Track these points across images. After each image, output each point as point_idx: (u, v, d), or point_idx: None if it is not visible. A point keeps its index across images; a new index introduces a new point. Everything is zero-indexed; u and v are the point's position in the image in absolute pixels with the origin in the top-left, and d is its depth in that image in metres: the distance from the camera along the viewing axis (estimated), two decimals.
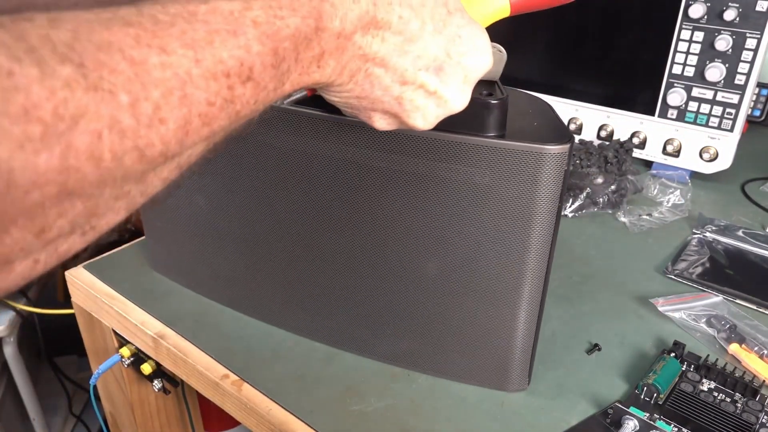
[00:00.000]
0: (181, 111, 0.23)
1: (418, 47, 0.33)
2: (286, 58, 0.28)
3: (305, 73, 0.30)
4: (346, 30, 0.30)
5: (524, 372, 0.51)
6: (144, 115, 0.22)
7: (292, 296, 0.57)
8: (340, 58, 0.31)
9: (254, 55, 0.26)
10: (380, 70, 0.33)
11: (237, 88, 0.25)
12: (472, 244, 0.46)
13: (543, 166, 0.41)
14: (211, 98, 0.24)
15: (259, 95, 0.27)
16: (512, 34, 0.95)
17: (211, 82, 0.24)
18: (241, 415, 0.54)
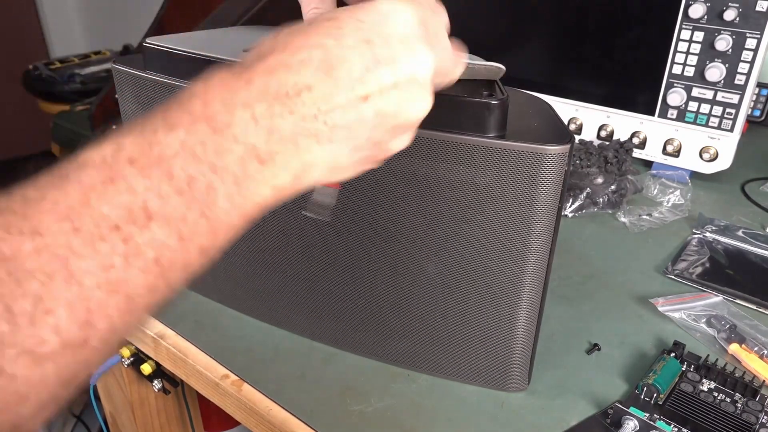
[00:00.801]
0: (70, 291, 0.21)
1: (342, 70, 0.28)
2: (195, 178, 0.24)
3: (248, 179, 0.26)
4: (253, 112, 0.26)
5: (524, 372, 0.51)
6: (22, 315, 0.20)
7: (292, 296, 0.57)
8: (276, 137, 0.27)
9: (142, 192, 0.23)
10: (334, 115, 0.28)
11: (138, 236, 0.22)
12: (473, 244, 0.46)
13: (543, 166, 0.41)
14: (105, 262, 0.22)
15: (183, 229, 0.24)
16: (512, 34, 0.95)
17: (99, 244, 0.21)
18: (241, 415, 0.54)
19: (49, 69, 1.99)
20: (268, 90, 0.27)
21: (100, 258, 0.22)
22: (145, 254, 0.23)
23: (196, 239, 0.25)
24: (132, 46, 2.01)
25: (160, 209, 0.23)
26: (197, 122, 0.25)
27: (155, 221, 0.23)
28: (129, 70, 0.54)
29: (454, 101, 0.42)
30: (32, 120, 2.15)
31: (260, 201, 0.27)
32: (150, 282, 0.23)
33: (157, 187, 0.23)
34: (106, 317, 0.22)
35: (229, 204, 0.26)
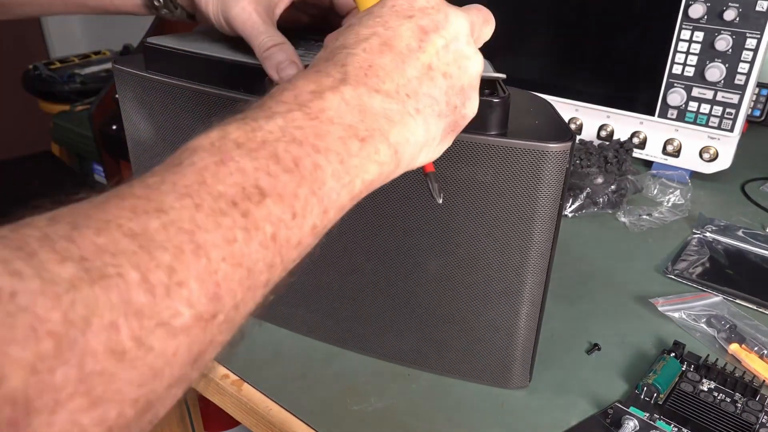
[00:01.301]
0: (199, 264, 0.21)
1: (401, 46, 0.31)
2: (301, 158, 0.25)
3: (352, 157, 0.27)
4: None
5: (525, 369, 0.51)
6: (159, 285, 0.20)
7: (294, 294, 0.57)
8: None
9: (252, 172, 0.24)
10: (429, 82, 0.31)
11: (255, 211, 0.23)
12: (474, 241, 0.46)
13: (545, 163, 0.41)
14: (228, 235, 0.22)
15: (296, 206, 0.25)
16: (513, 34, 0.95)
17: (220, 218, 0.22)
18: (241, 415, 0.54)
19: (49, 69, 1.99)
20: (348, 77, 0.29)
21: (223, 231, 0.22)
22: (264, 228, 0.23)
23: (309, 217, 0.25)
24: (132, 46, 2.01)
25: (272, 187, 0.24)
26: (292, 111, 0.27)
27: (269, 197, 0.24)
28: (129, 70, 0.53)
29: None
30: (32, 120, 2.15)
31: (367, 178, 0.28)
32: (268, 258, 0.24)
33: (265, 167, 0.24)
34: (231, 292, 0.22)
35: (336, 182, 0.26)
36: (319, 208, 0.26)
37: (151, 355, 0.20)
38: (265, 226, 0.23)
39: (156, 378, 0.20)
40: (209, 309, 0.22)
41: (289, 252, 0.25)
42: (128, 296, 0.19)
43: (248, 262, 0.23)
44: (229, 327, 0.24)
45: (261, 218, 0.23)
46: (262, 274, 0.24)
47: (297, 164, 0.25)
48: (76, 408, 0.18)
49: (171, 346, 0.20)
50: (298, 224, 0.25)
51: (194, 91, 0.51)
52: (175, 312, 0.20)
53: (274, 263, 0.24)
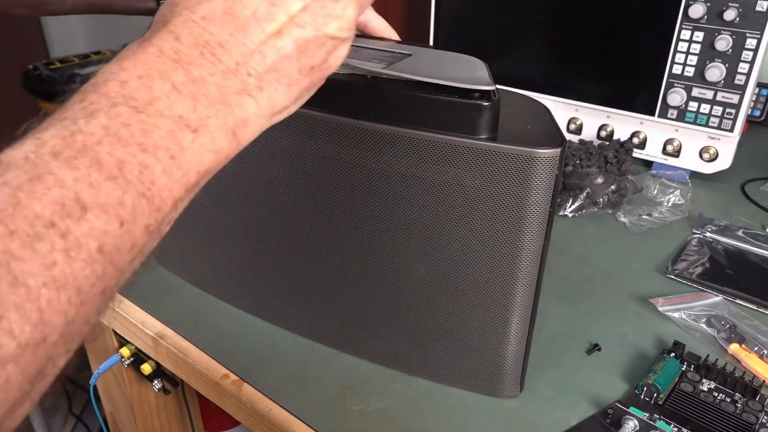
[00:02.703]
0: (18, 295, 0.20)
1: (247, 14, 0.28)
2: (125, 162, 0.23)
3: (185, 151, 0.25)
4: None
5: (516, 379, 0.51)
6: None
7: (289, 294, 0.57)
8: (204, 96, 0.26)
9: (72, 184, 0.22)
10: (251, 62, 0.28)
11: (75, 229, 0.22)
12: (462, 246, 0.46)
13: (533, 169, 0.41)
14: (46, 261, 0.21)
15: (122, 214, 0.23)
16: (512, 34, 0.95)
17: (37, 244, 0.21)
18: (241, 415, 0.54)
19: (49, 69, 1.99)
20: (181, 55, 0.26)
21: (40, 258, 0.21)
22: (87, 245, 0.22)
23: (140, 220, 0.24)
24: None
25: (94, 198, 0.22)
26: (117, 105, 0.24)
27: (91, 211, 0.22)
28: None
29: (446, 102, 0.42)
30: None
31: (203, 168, 0.26)
32: (97, 271, 0.22)
33: (86, 177, 0.22)
34: (59, 313, 0.21)
35: (168, 179, 0.25)
36: (149, 208, 0.24)
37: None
38: (88, 242, 0.22)
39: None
40: (36, 335, 0.21)
41: (122, 258, 0.24)
42: None
43: (74, 281, 0.22)
44: (68, 340, 0.23)
45: (83, 235, 0.22)
46: (95, 287, 0.23)
47: (121, 168, 0.23)
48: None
49: (1, 376, 0.20)
50: (127, 230, 0.23)
51: None
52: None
53: (106, 272, 0.23)
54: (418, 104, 0.42)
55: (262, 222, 0.55)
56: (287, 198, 0.52)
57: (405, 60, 0.47)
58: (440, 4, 0.97)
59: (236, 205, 0.55)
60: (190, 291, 0.64)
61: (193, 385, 0.58)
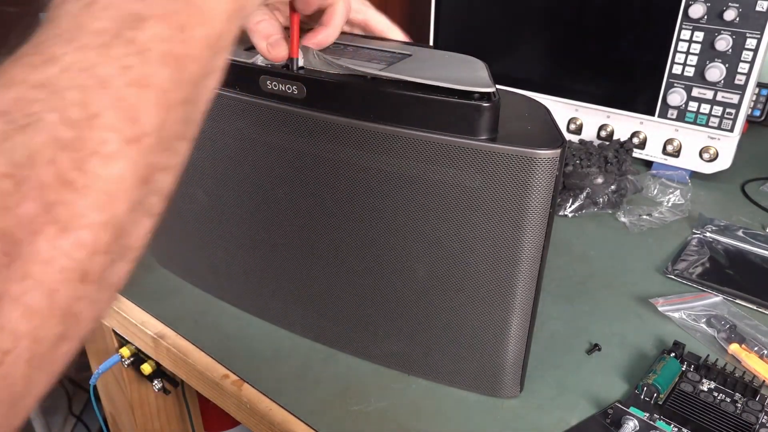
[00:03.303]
0: (107, 94, 0.23)
1: None
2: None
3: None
4: None
5: (516, 379, 0.51)
6: (78, 120, 0.22)
7: (289, 294, 0.57)
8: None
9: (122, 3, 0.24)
10: None
11: (140, 35, 0.24)
12: (462, 247, 0.45)
13: (533, 170, 0.41)
14: (123, 62, 0.23)
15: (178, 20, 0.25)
16: (512, 34, 0.95)
17: (110, 51, 0.23)
18: (241, 415, 0.54)
19: None
20: None
21: (118, 61, 0.23)
22: (156, 48, 0.24)
23: (198, 28, 0.26)
24: None
25: (148, 9, 0.24)
26: None
27: (149, 20, 0.24)
28: None
29: (445, 103, 0.42)
30: None
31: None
32: (172, 75, 0.25)
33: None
34: (149, 112, 0.24)
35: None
36: (204, 17, 0.26)
37: (99, 182, 0.22)
38: (156, 46, 0.24)
39: (112, 201, 0.22)
40: (134, 131, 0.23)
41: (191, 66, 0.26)
42: (55, 134, 0.21)
43: (153, 81, 0.24)
44: (165, 147, 0.25)
45: (148, 40, 0.24)
46: (175, 92, 0.25)
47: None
48: (52, 235, 0.21)
49: (114, 170, 0.22)
50: (189, 36, 0.26)
51: None
52: (101, 140, 0.22)
53: (180, 78, 0.25)
54: (418, 105, 0.42)
55: (262, 222, 0.55)
56: (287, 198, 0.52)
57: (405, 60, 0.47)
58: (440, 4, 0.97)
59: (236, 206, 0.55)
60: (190, 291, 0.64)
61: (193, 385, 0.58)
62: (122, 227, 0.23)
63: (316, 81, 0.45)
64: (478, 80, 0.42)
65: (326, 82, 0.45)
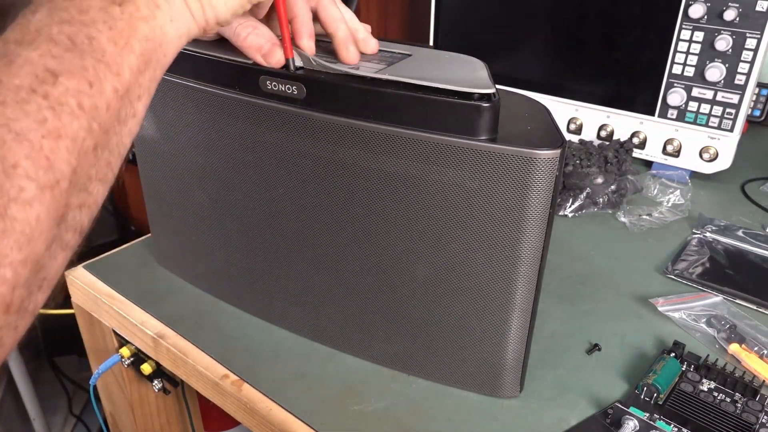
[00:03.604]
0: (23, 146, 0.25)
1: None
2: (74, 35, 0.28)
3: (117, 21, 0.30)
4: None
5: (516, 379, 0.51)
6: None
7: (289, 294, 0.57)
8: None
9: (38, 59, 0.27)
10: None
11: (53, 91, 0.26)
12: (462, 248, 0.45)
13: (533, 170, 0.41)
14: (38, 117, 0.26)
15: (89, 76, 0.28)
16: (512, 35, 0.95)
17: (26, 106, 0.26)
18: (241, 415, 0.54)
19: None
20: None
21: (32, 116, 0.25)
22: (67, 102, 0.27)
23: (105, 82, 0.29)
24: None
25: (60, 66, 0.27)
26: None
27: (61, 76, 0.27)
28: None
29: (445, 104, 0.42)
30: None
31: (142, 36, 0.31)
32: (84, 125, 0.27)
33: (48, 52, 0.27)
34: (63, 160, 0.26)
35: (114, 47, 0.29)
36: (110, 72, 0.29)
37: (18, 225, 0.24)
38: (68, 100, 0.27)
39: (31, 241, 0.25)
40: (49, 178, 0.26)
41: (102, 115, 0.28)
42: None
43: (66, 132, 0.26)
44: (78, 189, 0.27)
45: (61, 95, 0.27)
46: (86, 140, 0.27)
47: (73, 41, 0.28)
48: None
49: (31, 215, 0.25)
50: (98, 90, 0.28)
51: (194, 89, 0.51)
52: (20, 188, 0.25)
53: (92, 128, 0.28)
54: (418, 105, 0.42)
55: (262, 222, 0.55)
56: (287, 198, 0.52)
57: (405, 60, 0.47)
58: (440, 4, 0.97)
59: (236, 206, 0.55)
60: (190, 291, 0.64)
61: (193, 385, 0.58)
62: (40, 262, 0.26)
63: (316, 81, 0.45)
64: (478, 81, 0.42)
65: (326, 83, 0.45)
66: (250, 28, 0.45)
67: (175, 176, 0.58)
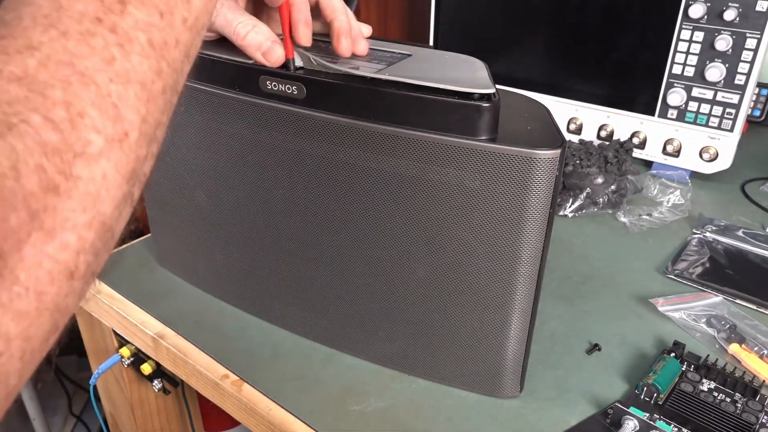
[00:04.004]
0: (90, 91, 0.22)
1: None
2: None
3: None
4: None
5: (516, 379, 0.51)
6: (62, 121, 0.21)
7: (289, 294, 0.57)
8: None
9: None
10: None
11: (121, 22, 0.23)
12: (462, 248, 0.45)
13: (533, 170, 0.41)
14: (105, 55, 0.22)
15: (158, 4, 0.24)
16: (512, 34, 0.95)
17: (91, 40, 0.22)
18: (241, 415, 0.54)
19: None
20: None
21: (99, 53, 0.22)
22: (137, 38, 0.23)
23: (176, 12, 0.25)
24: None
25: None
26: None
27: (129, 4, 0.23)
28: None
29: (445, 104, 0.42)
30: None
31: None
32: (153, 65, 0.24)
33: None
34: (132, 108, 0.23)
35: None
36: (180, 0, 0.26)
37: (81, 183, 0.21)
38: (138, 35, 0.23)
39: (96, 201, 0.22)
40: (117, 130, 0.22)
41: (171, 53, 0.25)
42: (40, 138, 0.20)
43: (136, 75, 0.23)
44: (148, 140, 0.24)
45: (130, 28, 0.23)
46: (155, 83, 0.24)
47: None
48: (37, 242, 0.20)
49: (97, 171, 0.22)
50: (168, 23, 0.25)
51: (194, 89, 0.51)
52: (86, 141, 0.21)
53: (161, 68, 0.24)
54: (418, 105, 0.42)
55: (262, 222, 0.55)
56: (287, 198, 0.52)
57: (405, 60, 0.47)
58: (440, 4, 0.97)
59: (236, 206, 0.55)
60: (190, 291, 0.64)
61: (193, 385, 0.58)
62: (107, 223, 0.23)
63: (315, 81, 0.45)
64: (478, 80, 0.43)
65: (326, 83, 0.45)
66: (249, 26, 0.45)
67: (175, 176, 0.58)
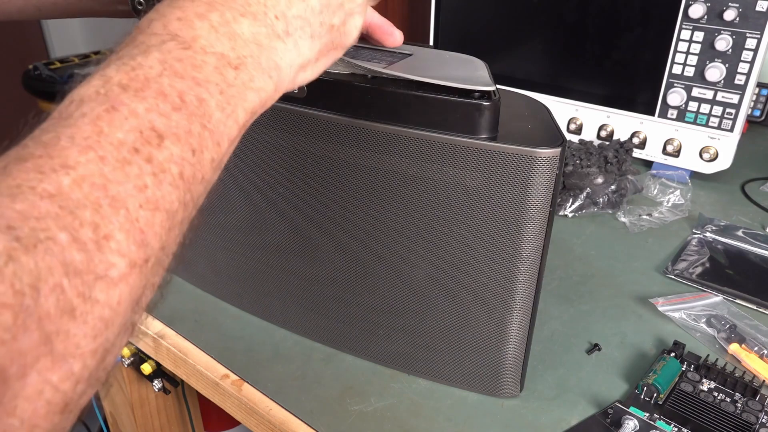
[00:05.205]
0: (119, 215, 0.22)
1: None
2: (185, 93, 0.25)
3: (230, 86, 0.27)
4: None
5: (516, 378, 0.51)
6: (89, 242, 0.21)
7: (289, 293, 0.57)
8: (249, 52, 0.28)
9: (144, 114, 0.24)
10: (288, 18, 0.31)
11: (157, 154, 0.23)
12: (462, 246, 0.46)
13: (533, 169, 0.41)
14: (138, 183, 0.23)
15: (193, 143, 0.25)
16: (513, 34, 0.95)
17: (127, 168, 0.22)
18: (241, 415, 0.54)
19: (49, 69, 1.99)
20: (214, 1, 0.28)
21: (133, 180, 0.22)
22: (170, 170, 0.24)
23: (206, 152, 0.26)
24: None
25: (167, 127, 0.24)
26: (166, 42, 0.26)
27: (167, 139, 0.24)
28: None
29: (446, 102, 0.42)
30: None
31: (248, 106, 0.28)
32: (180, 196, 0.24)
33: (155, 107, 0.24)
34: (156, 235, 0.23)
35: (221, 113, 0.27)
36: (212, 141, 0.26)
37: (98, 308, 0.21)
38: (171, 167, 0.24)
39: (107, 327, 0.21)
40: (140, 255, 0.22)
41: (196, 187, 0.26)
42: (64, 258, 0.20)
43: (164, 204, 0.23)
44: (159, 269, 0.24)
45: (165, 160, 0.24)
46: (178, 213, 0.24)
47: (183, 100, 0.25)
48: (43, 368, 0.19)
49: (114, 296, 0.21)
50: (198, 160, 0.25)
51: None
52: (109, 264, 0.21)
53: (186, 200, 0.25)
54: (419, 104, 0.43)
55: (262, 222, 0.55)
56: (287, 198, 0.52)
57: (405, 60, 0.47)
58: (440, 4, 0.97)
59: (237, 205, 0.55)
60: (190, 291, 0.64)
61: (193, 385, 0.58)
62: (109, 351, 0.22)
63: (317, 80, 0.45)
64: (479, 79, 0.43)
65: (327, 81, 0.45)
66: None
67: None
